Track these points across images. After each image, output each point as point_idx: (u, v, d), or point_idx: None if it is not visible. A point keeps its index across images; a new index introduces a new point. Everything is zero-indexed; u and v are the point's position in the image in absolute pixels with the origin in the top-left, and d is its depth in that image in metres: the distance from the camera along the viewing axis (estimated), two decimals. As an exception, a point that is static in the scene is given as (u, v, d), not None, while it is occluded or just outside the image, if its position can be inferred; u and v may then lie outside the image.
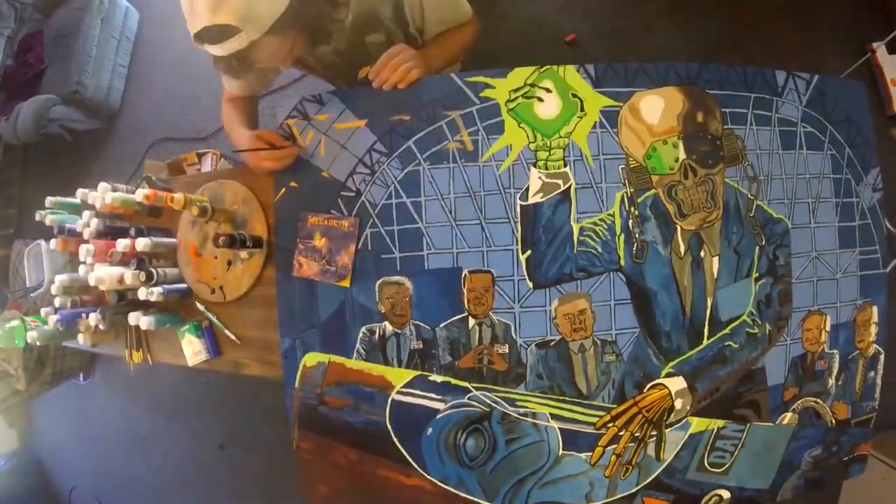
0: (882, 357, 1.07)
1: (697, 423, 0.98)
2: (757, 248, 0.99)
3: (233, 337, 1.18)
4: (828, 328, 1.02)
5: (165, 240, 1.26)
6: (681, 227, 0.97)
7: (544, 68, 1.00)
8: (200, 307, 1.21)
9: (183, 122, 2.44)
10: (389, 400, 1.00)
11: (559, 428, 0.97)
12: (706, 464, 0.99)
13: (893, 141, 1.99)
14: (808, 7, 2.14)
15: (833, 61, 2.07)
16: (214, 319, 1.20)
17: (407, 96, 1.01)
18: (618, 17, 2.22)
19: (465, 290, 0.98)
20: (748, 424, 1.00)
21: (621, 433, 0.97)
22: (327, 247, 1.02)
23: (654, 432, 0.97)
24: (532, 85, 0.99)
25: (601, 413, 0.97)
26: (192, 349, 1.20)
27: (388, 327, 1.00)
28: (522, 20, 2.26)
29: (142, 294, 1.16)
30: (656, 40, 2.18)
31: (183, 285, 1.24)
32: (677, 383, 0.97)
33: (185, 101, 2.52)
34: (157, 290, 1.15)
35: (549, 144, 0.98)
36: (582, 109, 0.98)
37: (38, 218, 1.41)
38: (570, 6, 2.25)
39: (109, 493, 2.78)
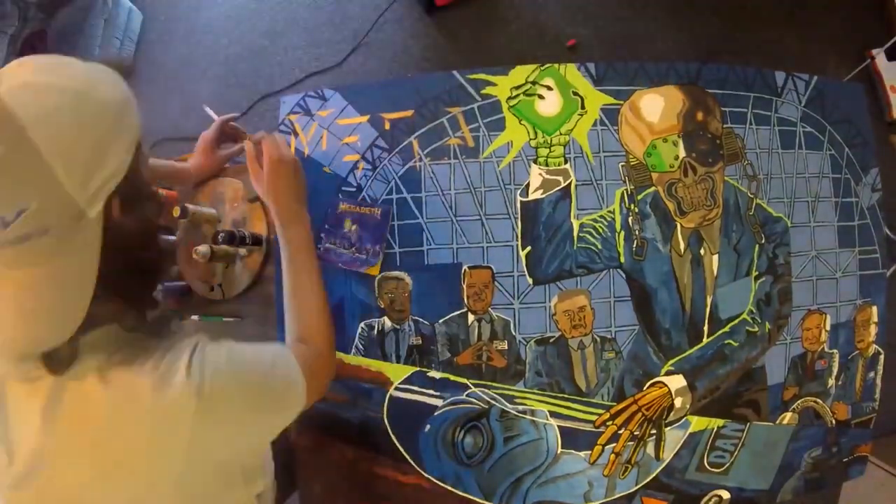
0: (882, 357, 1.07)
1: (697, 422, 0.98)
2: (757, 247, 0.99)
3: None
4: (828, 327, 1.02)
5: (165, 237, 1.25)
6: (681, 225, 0.97)
7: (545, 66, 1.00)
8: (195, 318, 1.20)
9: (184, 123, 2.44)
10: (387, 396, 0.99)
11: (558, 426, 0.97)
12: (706, 463, 0.99)
13: (893, 148, 2.00)
14: (807, 14, 2.16)
15: (832, 68, 2.08)
16: (213, 319, 1.19)
17: (409, 93, 1.02)
18: (618, 23, 2.24)
19: (464, 286, 0.98)
20: (748, 424, 0.99)
21: (620, 431, 0.96)
22: (357, 234, 1.02)
23: (653, 431, 0.97)
24: (533, 83, 1.00)
25: (600, 411, 0.97)
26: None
27: (387, 323, 1.00)
28: (523, 26, 2.28)
29: (140, 290, 1.16)
30: (656, 46, 2.20)
31: (182, 283, 1.23)
32: (677, 381, 0.96)
33: (185, 102, 2.53)
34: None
35: (549, 141, 0.98)
36: (583, 107, 0.99)
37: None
38: (572, 12, 2.26)
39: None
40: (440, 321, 0.99)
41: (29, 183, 0.45)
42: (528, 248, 0.97)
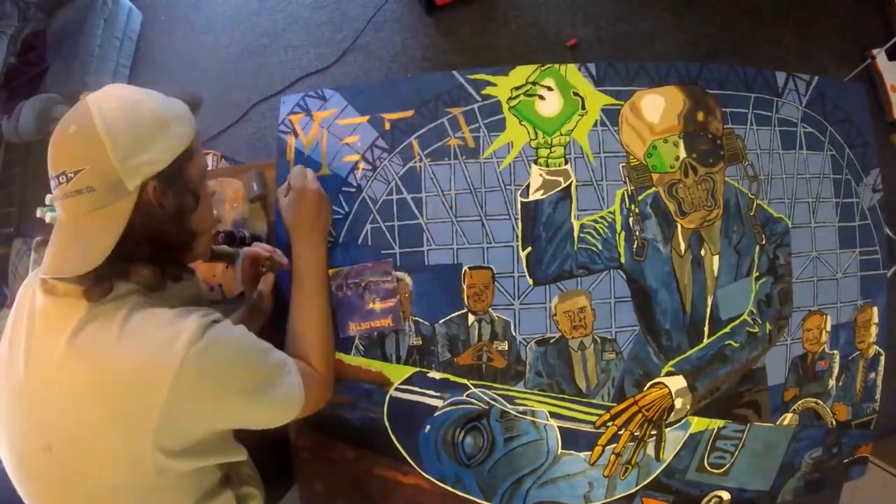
0: (882, 358, 1.07)
1: (697, 423, 0.98)
2: (757, 247, 0.99)
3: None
4: (828, 328, 1.02)
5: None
6: (681, 225, 0.97)
7: (546, 67, 1.00)
8: None
9: (184, 123, 2.47)
10: (387, 397, 0.99)
11: (558, 426, 0.96)
12: (706, 464, 0.98)
13: (894, 148, 2.00)
14: (807, 14, 2.16)
15: (833, 68, 2.08)
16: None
17: (409, 93, 1.02)
18: (619, 23, 2.24)
19: (464, 287, 0.98)
20: (748, 425, 0.99)
21: (621, 432, 0.96)
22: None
23: (653, 431, 0.97)
24: (534, 83, 1.00)
25: (601, 412, 0.97)
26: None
27: (388, 323, 1.00)
28: (523, 25, 2.28)
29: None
30: (657, 46, 2.20)
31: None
32: (677, 382, 0.96)
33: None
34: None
35: (550, 142, 0.98)
36: (583, 107, 0.99)
37: (38, 214, 1.41)
38: (572, 12, 2.26)
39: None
40: (440, 322, 0.98)
41: (88, 152, 0.64)
42: (529, 249, 0.97)
